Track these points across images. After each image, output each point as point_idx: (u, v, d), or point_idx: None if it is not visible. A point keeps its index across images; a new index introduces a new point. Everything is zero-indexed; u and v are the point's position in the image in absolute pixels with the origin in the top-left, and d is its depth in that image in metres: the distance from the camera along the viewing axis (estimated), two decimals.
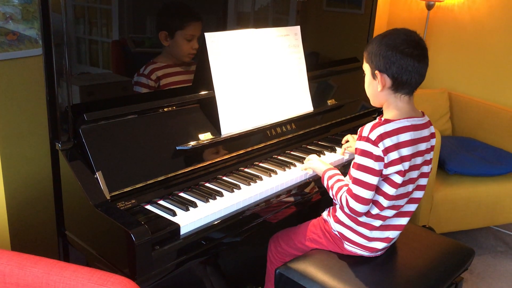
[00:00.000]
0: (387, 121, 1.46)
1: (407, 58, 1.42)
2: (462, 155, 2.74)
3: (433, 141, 1.56)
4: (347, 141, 1.96)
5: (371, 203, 1.48)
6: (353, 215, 1.51)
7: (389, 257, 1.63)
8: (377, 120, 1.49)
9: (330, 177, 1.61)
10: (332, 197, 1.59)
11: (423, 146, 1.51)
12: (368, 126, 1.46)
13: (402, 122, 1.46)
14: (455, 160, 2.68)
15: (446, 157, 2.67)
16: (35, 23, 1.40)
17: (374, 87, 1.51)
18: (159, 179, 1.50)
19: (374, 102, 1.57)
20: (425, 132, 1.52)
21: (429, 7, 3.08)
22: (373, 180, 1.44)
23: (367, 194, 1.45)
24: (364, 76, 1.57)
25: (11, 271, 1.17)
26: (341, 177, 1.61)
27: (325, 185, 1.63)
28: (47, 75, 1.38)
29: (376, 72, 1.47)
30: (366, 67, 1.54)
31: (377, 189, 1.49)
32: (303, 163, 1.80)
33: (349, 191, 1.48)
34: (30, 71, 1.49)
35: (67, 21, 1.35)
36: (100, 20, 1.47)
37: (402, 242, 1.70)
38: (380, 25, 3.36)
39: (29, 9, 1.43)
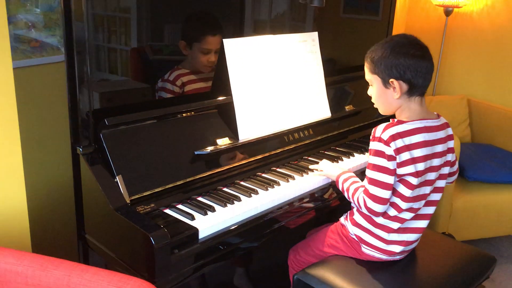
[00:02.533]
0: (400, 122, 1.47)
1: (420, 61, 1.45)
2: (481, 162, 2.70)
3: (450, 143, 1.56)
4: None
5: (388, 204, 1.48)
6: (371, 215, 1.52)
7: (408, 263, 1.61)
8: (390, 121, 1.49)
9: (345, 180, 1.62)
10: (348, 199, 1.59)
11: (439, 148, 1.50)
12: (381, 126, 1.48)
13: (414, 123, 1.47)
14: (475, 167, 2.64)
15: (466, 164, 2.64)
16: (57, 30, 1.43)
17: (388, 96, 1.51)
18: (178, 183, 1.51)
19: (387, 111, 1.56)
20: (441, 134, 1.52)
21: (448, 13, 3.06)
22: (389, 179, 1.44)
23: (384, 193, 1.45)
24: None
25: (33, 273, 1.19)
26: (357, 179, 1.61)
27: (340, 188, 1.63)
28: (69, 81, 1.41)
29: (391, 80, 1.47)
30: (372, 78, 1.54)
31: (393, 191, 1.49)
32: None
33: (366, 192, 1.48)
34: (51, 77, 1.52)
35: (88, 29, 1.38)
36: (119, 28, 1.50)
37: (422, 248, 1.68)
38: (398, 31, 3.34)
39: (51, 17, 1.46)
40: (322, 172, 1.74)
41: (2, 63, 1.67)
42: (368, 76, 1.55)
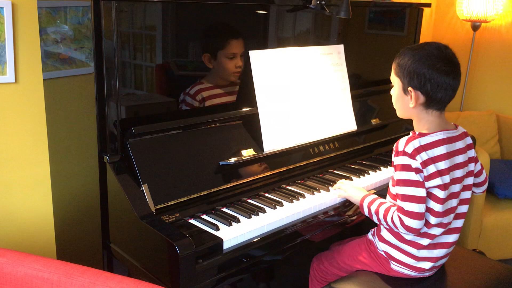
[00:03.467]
0: (422, 134, 1.44)
1: (443, 76, 1.41)
2: None
3: (470, 153, 1.52)
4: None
5: (424, 219, 1.43)
6: (409, 233, 1.44)
7: (438, 281, 1.56)
8: (411, 134, 1.46)
9: (371, 203, 1.55)
10: (378, 222, 1.54)
11: (460, 159, 1.47)
12: (403, 140, 1.45)
13: (437, 135, 1.44)
14: (505, 184, 2.58)
15: (496, 180, 2.57)
16: (86, 42, 1.46)
17: (405, 102, 1.49)
18: (203, 193, 1.50)
19: (403, 115, 1.55)
20: (460, 144, 1.49)
21: (475, 28, 3.02)
22: (421, 192, 1.40)
23: (419, 208, 1.40)
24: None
25: (59, 280, 1.19)
26: (382, 200, 1.56)
27: (365, 212, 1.57)
28: (97, 94, 1.43)
29: (410, 88, 1.45)
30: (395, 80, 1.51)
31: None
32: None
33: (400, 210, 1.42)
34: (79, 88, 1.54)
35: (117, 46, 1.41)
36: (145, 45, 1.52)
37: (451, 265, 1.62)
38: None
39: (80, 30, 1.49)
40: (345, 193, 1.67)
41: (33, 74, 1.71)
42: (392, 76, 1.53)
